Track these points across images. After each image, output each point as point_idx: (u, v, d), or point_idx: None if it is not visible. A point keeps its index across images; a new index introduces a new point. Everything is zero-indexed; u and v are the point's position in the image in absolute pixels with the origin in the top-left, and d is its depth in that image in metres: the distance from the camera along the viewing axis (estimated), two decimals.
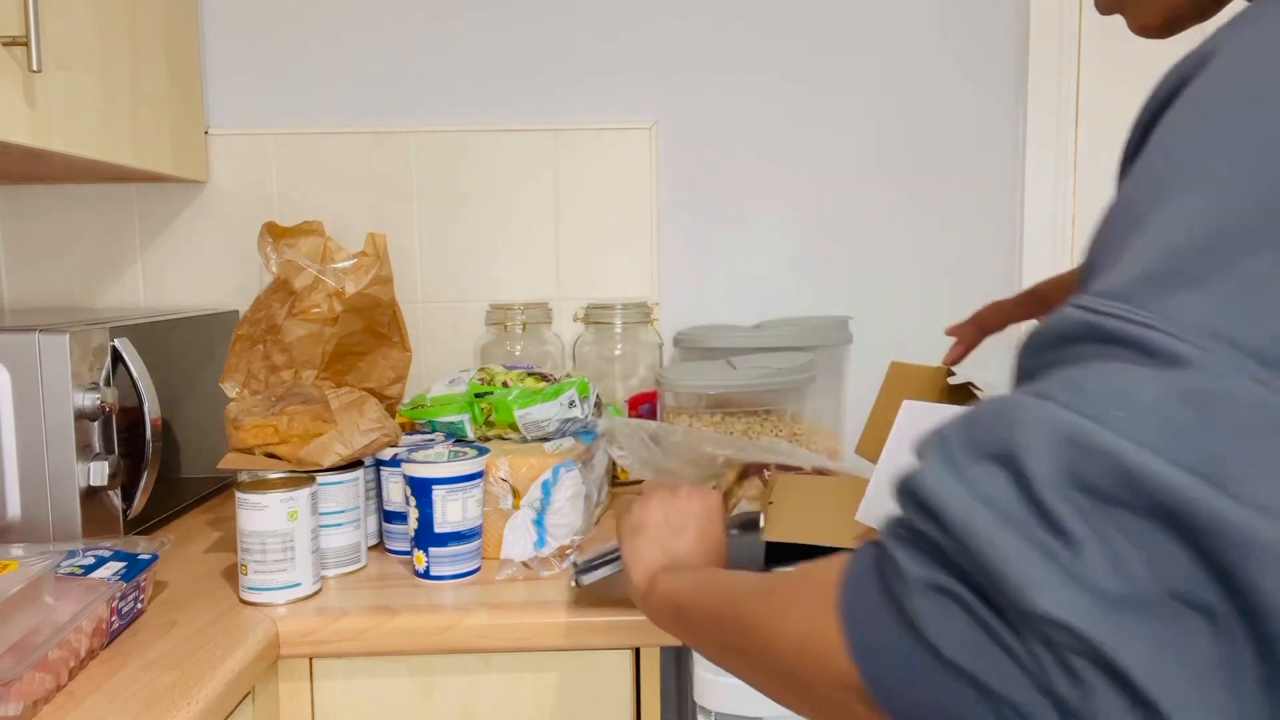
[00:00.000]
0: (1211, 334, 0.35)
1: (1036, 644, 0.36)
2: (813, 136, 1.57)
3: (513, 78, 1.56)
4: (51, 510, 1.06)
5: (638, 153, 1.57)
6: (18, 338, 1.04)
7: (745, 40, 1.56)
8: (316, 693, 1.00)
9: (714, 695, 0.89)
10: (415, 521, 1.05)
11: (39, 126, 1.05)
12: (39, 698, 0.78)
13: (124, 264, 1.57)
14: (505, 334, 1.50)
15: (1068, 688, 0.35)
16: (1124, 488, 0.35)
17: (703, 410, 1.36)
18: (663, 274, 1.59)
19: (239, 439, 1.10)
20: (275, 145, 1.56)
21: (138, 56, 1.30)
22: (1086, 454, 0.36)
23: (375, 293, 1.15)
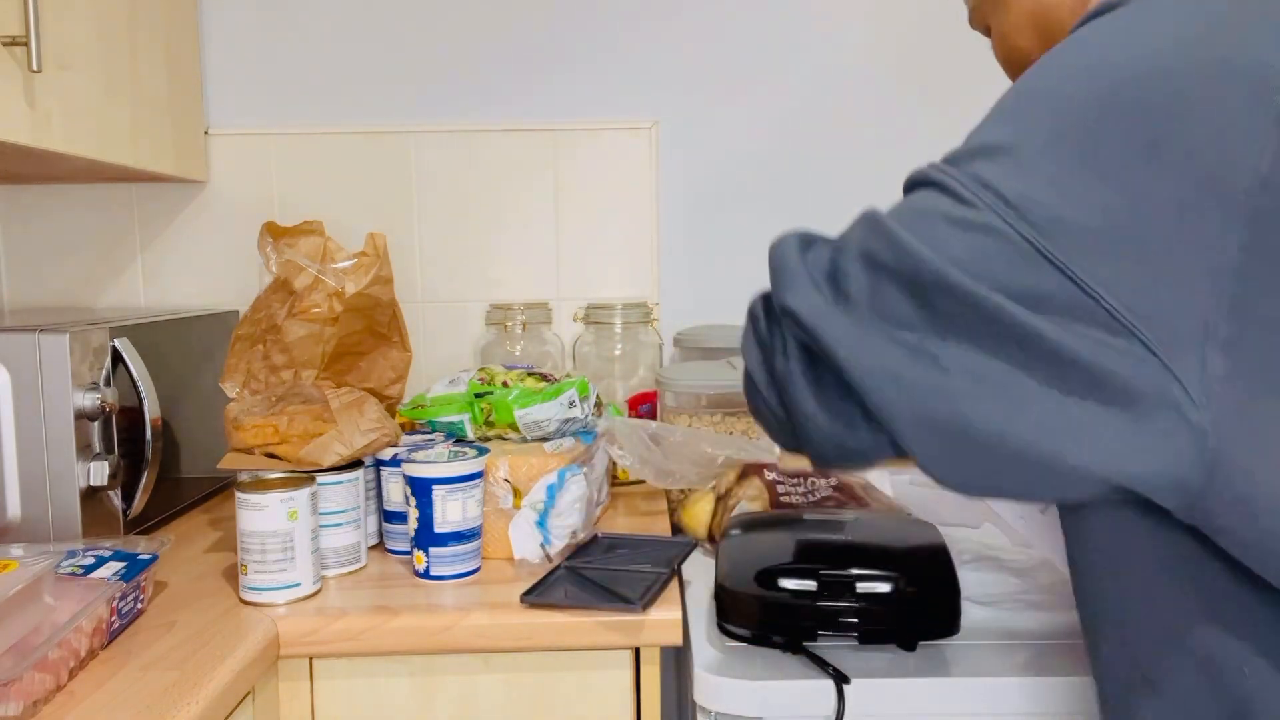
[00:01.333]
0: (983, 185, 0.56)
1: (777, 328, 0.64)
2: (813, 136, 1.57)
3: (513, 78, 1.57)
4: (51, 510, 1.06)
5: (638, 153, 1.57)
6: (18, 338, 1.04)
7: (745, 40, 1.56)
8: (316, 693, 1.00)
9: (714, 695, 0.89)
10: (415, 521, 1.05)
11: (39, 126, 1.05)
12: (39, 698, 0.78)
13: (124, 264, 1.57)
14: (505, 334, 1.50)
15: (781, 353, 0.63)
16: (889, 257, 0.57)
17: (703, 410, 1.36)
18: (663, 274, 1.59)
19: (239, 439, 1.10)
20: (275, 145, 1.56)
21: (138, 56, 1.30)
22: (878, 235, 0.58)
23: (375, 293, 1.15)
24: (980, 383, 0.55)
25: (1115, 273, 0.53)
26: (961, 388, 0.55)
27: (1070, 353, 0.53)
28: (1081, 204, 0.54)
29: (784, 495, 1.17)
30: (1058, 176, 0.55)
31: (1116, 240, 0.53)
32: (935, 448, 0.57)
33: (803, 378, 0.62)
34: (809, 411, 0.62)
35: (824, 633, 0.93)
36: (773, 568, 0.94)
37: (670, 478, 1.22)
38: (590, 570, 1.04)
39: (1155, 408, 0.52)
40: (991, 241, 0.55)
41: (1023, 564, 1.08)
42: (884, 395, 0.57)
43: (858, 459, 0.63)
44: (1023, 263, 0.54)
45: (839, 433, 0.61)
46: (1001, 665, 0.90)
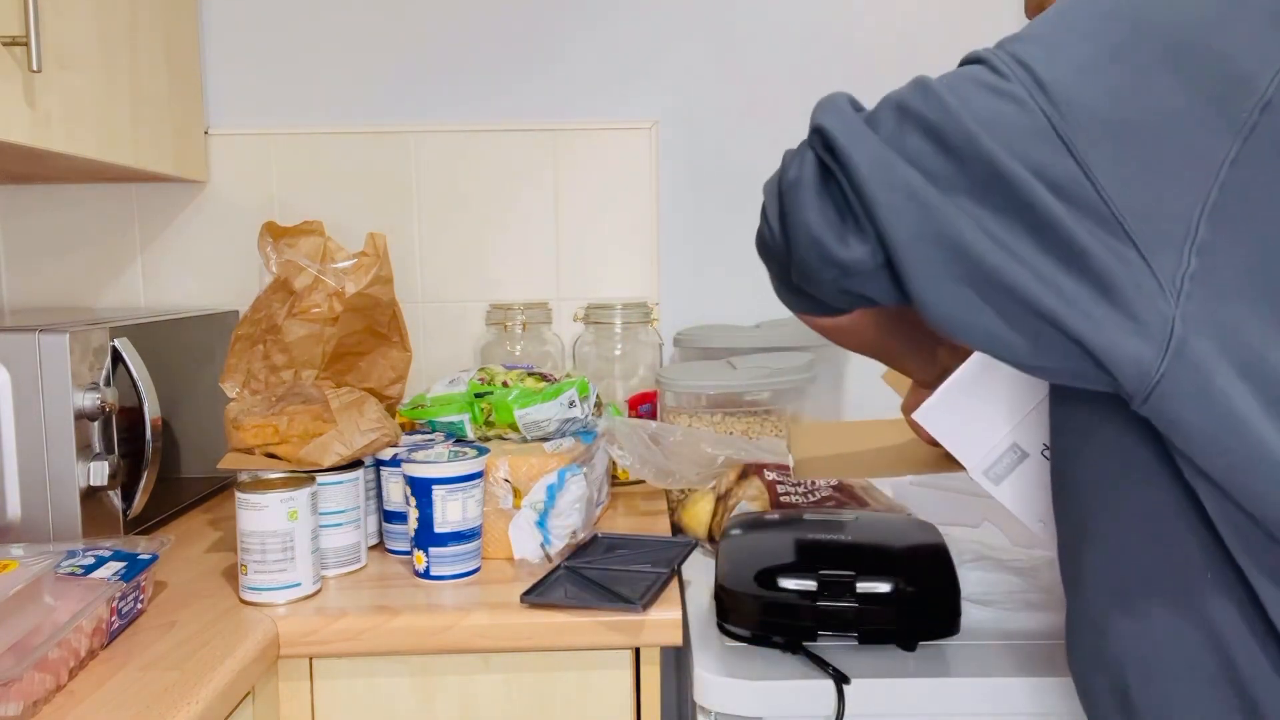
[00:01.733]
0: (1019, 62, 0.61)
1: (801, 147, 0.68)
2: None
3: (513, 78, 1.57)
4: (51, 510, 1.06)
5: (638, 153, 1.57)
6: (18, 338, 1.04)
7: (746, 40, 1.56)
8: (316, 693, 1.00)
9: (714, 695, 0.89)
10: (415, 521, 1.05)
11: (39, 126, 1.06)
12: (39, 698, 0.78)
13: (124, 264, 1.57)
14: (505, 334, 1.50)
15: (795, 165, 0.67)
16: (923, 107, 0.62)
17: (703, 410, 1.36)
18: (663, 274, 1.59)
19: (239, 439, 1.10)
20: (275, 145, 1.56)
21: (138, 56, 1.30)
22: (916, 89, 0.64)
23: (375, 293, 1.15)
24: (985, 229, 0.60)
25: (1115, 162, 0.58)
26: (968, 225, 0.60)
27: (1066, 231, 0.58)
28: (1099, 93, 0.59)
29: (784, 495, 1.18)
30: (1084, 67, 0.60)
31: (1122, 131, 0.58)
32: (930, 267, 0.61)
33: (811, 185, 0.65)
34: (804, 218, 0.66)
35: (824, 633, 0.93)
36: (773, 568, 0.94)
37: (670, 478, 1.22)
38: (590, 570, 1.04)
39: (1130, 296, 0.58)
40: (1016, 111, 0.60)
41: (1023, 564, 1.08)
42: (892, 209, 0.61)
43: (835, 273, 0.66)
44: (1039, 138, 0.59)
45: (827, 242, 0.65)
46: (1001, 665, 0.90)
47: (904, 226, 0.61)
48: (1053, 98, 0.59)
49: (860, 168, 0.62)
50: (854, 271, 0.65)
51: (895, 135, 0.63)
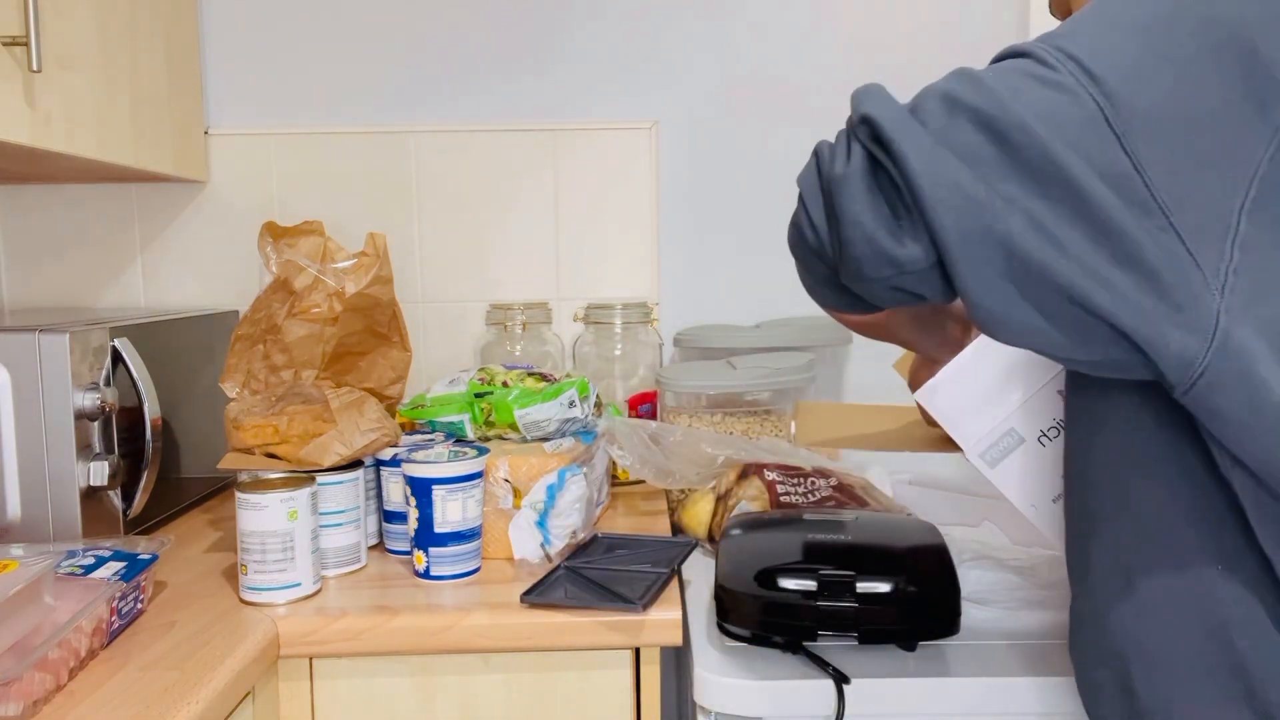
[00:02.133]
0: (1068, 55, 0.61)
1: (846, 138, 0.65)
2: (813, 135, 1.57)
3: (513, 78, 1.56)
4: (51, 510, 1.06)
5: (638, 153, 1.57)
6: (18, 338, 1.04)
7: (745, 40, 1.56)
8: (316, 693, 1.00)
9: (714, 695, 0.89)
10: (415, 521, 1.05)
11: (39, 126, 1.05)
12: (39, 698, 0.78)
13: (124, 264, 1.57)
14: (505, 334, 1.50)
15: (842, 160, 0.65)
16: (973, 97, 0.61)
17: (703, 410, 1.36)
18: (663, 274, 1.59)
19: (239, 439, 1.10)
20: (275, 145, 1.56)
21: (138, 56, 1.30)
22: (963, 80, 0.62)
23: (375, 293, 1.15)
24: (1034, 223, 0.59)
25: (1162, 156, 0.58)
26: (1017, 220, 0.60)
27: (1118, 223, 0.58)
28: (1148, 86, 0.60)
29: (784, 495, 1.17)
30: (1132, 62, 0.60)
31: (1171, 128, 0.59)
32: (979, 265, 0.61)
33: (860, 181, 0.64)
34: (856, 216, 0.64)
35: (824, 633, 0.93)
36: (773, 568, 0.94)
37: (670, 478, 1.22)
38: (590, 570, 1.04)
39: (1178, 288, 0.58)
40: (1067, 101, 0.59)
41: (1023, 563, 1.08)
42: (943, 205, 0.60)
43: (890, 272, 0.64)
44: (1090, 128, 0.59)
45: (882, 240, 0.63)
46: (1001, 665, 0.90)
47: (954, 223, 0.60)
48: (1103, 88, 0.59)
49: (911, 161, 0.61)
50: (909, 270, 0.63)
51: (945, 127, 0.62)
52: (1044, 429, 0.86)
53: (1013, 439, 0.86)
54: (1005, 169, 0.60)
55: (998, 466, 0.86)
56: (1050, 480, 0.86)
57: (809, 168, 0.69)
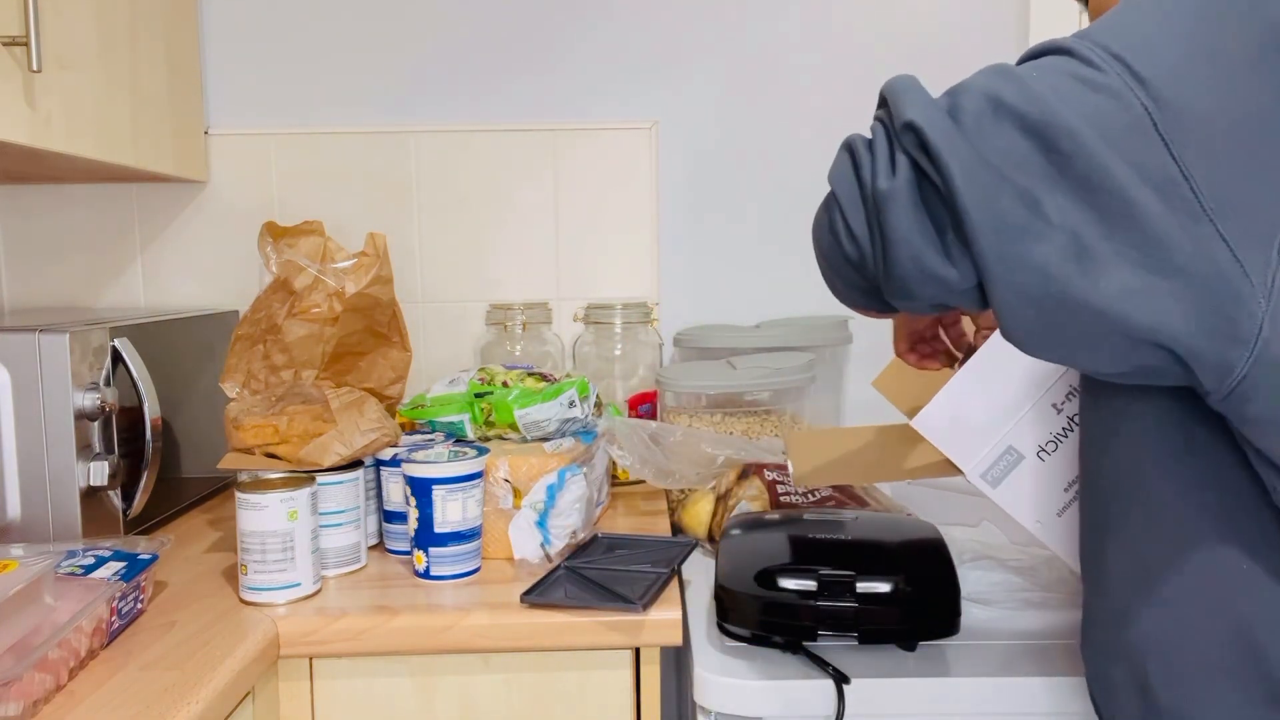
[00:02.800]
0: (1113, 55, 0.59)
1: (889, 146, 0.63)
2: (813, 134, 1.57)
3: (513, 78, 1.57)
4: (51, 510, 1.06)
5: (638, 153, 1.57)
6: (18, 338, 1.04)
7: (745, 40, 1.56)
8: (316, 693, 1.00)
9: (714, 695, 0.89)
10: (415, 521, 1.05)
11: (39, 126, 1.06)
12: (39, 698, 0.78)
13: (124, 264, 1.57)
14: (505, 334, 1.50)
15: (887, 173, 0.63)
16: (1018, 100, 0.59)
17: (703, 410, 1.36)
18: (663, 274, 1.59)
19: (239, 439, 1.10)
20: (275, 145, 1.56)
21: (138, 56, 1.30)
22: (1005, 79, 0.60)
23: (375, 293, 1.15)
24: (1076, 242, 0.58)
25: (1210, 161, 0.57)
26: (1058, 242, 0.58)
27: (1163, 231, 0.57)
28: (1196, 90, 0.58)
29: (784, 495, 1.18)
30: (1180, 62, 0.58)
31: (1218, 131, 0.57)
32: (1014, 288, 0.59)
33: (908, 197, 0.62)
34: (904, 234, 0.62)
35: (824, 633, 0.93)
36: (773, 568, 0.94)
37: (670, 478, 1.22)
38: (590, 570, 1.04)
39: (1224, 297, 0.57)
40: (1114, 106, 0.58)
41: (1023, 563, 1.08)
42: (984, 224, 0.59)
43: (936, 290, 0.63)
44: (1137, 133, 0.57)
45: (929, 258, 0.62)
46: (1001, 665, 0.90)
47: (993, 245, 0.59)
48: (1151, 92, 0.58)
49: (956, 178, 0.59)
50: (956, 289, 0.62)
51: (987, 131, 0.60)
52: (1041, 444, 0.86)
53: (1012, 457, 0.86)
54: (1053, 178, 0.58)
55: (1000, 486, 0.86)
56: (1053, 494, 0.86)
57: (843, 168, 0.67)
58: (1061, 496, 0.87)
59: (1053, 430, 0.86)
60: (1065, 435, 0.86)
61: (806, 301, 1.59)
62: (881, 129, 0.65)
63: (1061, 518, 0.87)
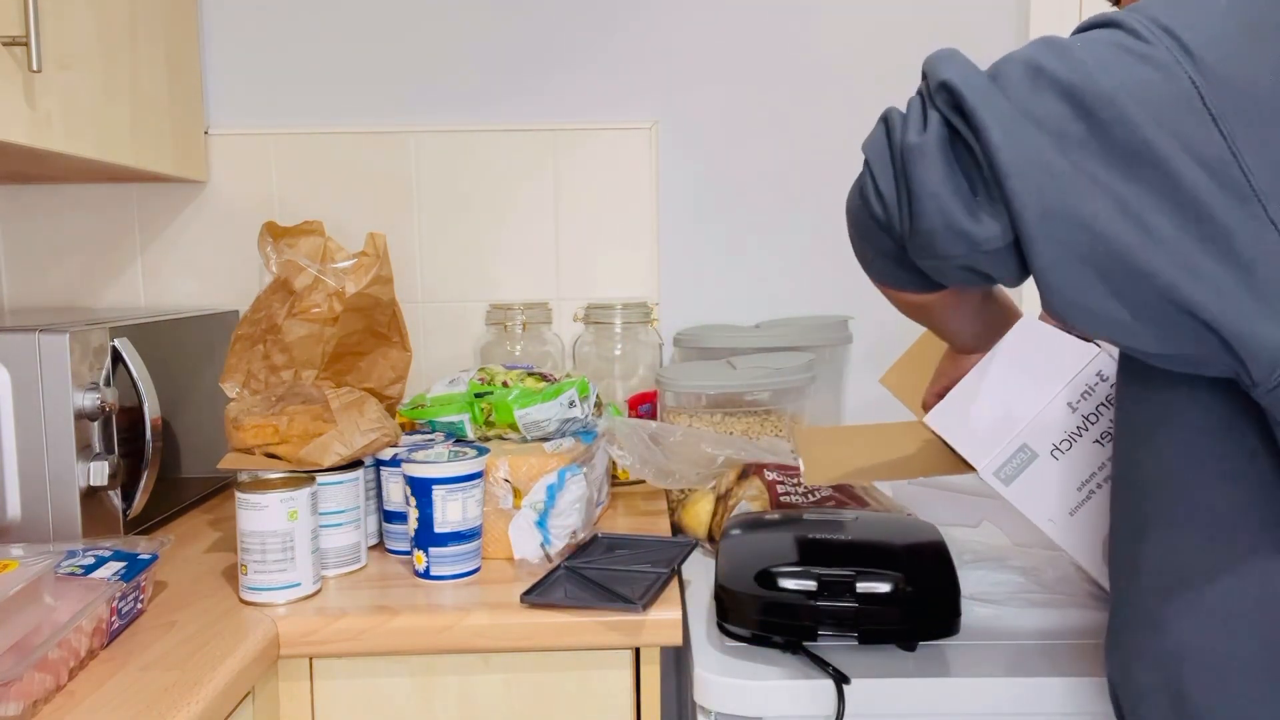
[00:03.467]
0: (1163, 29, 0.58)
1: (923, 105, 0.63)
2: (813, 135, 1.57)
3: (513, 78, 1.57)
4: (51, 510, 1.06)
5: (638, 153, 1.57)
6: (18, 338, 1.04)
7: (745, 40, 1.56)
8: (316, 693, 1.00)
9: (714, 695, 0.89)
10: (415, 521, 1.05)
11: (39, 126, 1.06)
12: (39, 698, 0.78)
13: (124, 264, 1.57)
14: (505, 334, 1.50)
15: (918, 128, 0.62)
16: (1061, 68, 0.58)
17: (703, 410, 1.36)
18: (663, 274, 1.59)
19: (239, 439, 1.10)
20: (275, 145, 1.56)
21: (138, 56, 1.30)
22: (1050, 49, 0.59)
23: (375, 293, 1.15)
24: (1121, 206, 0.56)
25: (1261, 140, 0.55)
26: (1104, 202, 0.57)
27: (1210, 209, 0.55)
28: (1246, 68, 0.56)
29: (784, 495, 1.18)
30: (1230, 39, 0.57)
31: (1271, 107, 0.56)
32: (1059, 247, 0.58)
33: (937, 152, 0.61)
34: (932, 189, 0.61)
35: (824, 633, 0.93)
36: (773, 568, 0.94)
37: (670, 478, 1.22)
38: (590, 570, 1.04)
39: (1271, 281, 0.55)
40: (1162, 80, 0.56)
41: (1023, 563, 1.08)
42: (1025, 180, 0.57)
43: (964, 249, 0.61)
44: (1185, 108, 0.56)
45: (956, 215, 0.60)
46: (1002, 665, 0.90)
47: (1036, 201, 0.57)
48: (1200, 68, 0.56)
49: (993, 132, 0.58)
50: (985, 248, 0.61)
51: (1028, 96, 0.58)
52: (1055, 443, 0.85)
53: (1026, 455, 0.86)
54: (1092, 146, 0.57)
55: (1012, 484, 0.86)
56: (1067, 493, 0.86)
57: (876, 135, 0.66)
58: (1075, 495, 0.86)
59: (1067, 429, 0.85)
60: (1080, 434, 0.86)
61: (806, 301, 1.59)
62: (917, 95, 0.64)
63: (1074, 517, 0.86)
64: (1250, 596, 0.62)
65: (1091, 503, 0.86)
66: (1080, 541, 0.87)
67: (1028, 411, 0.85)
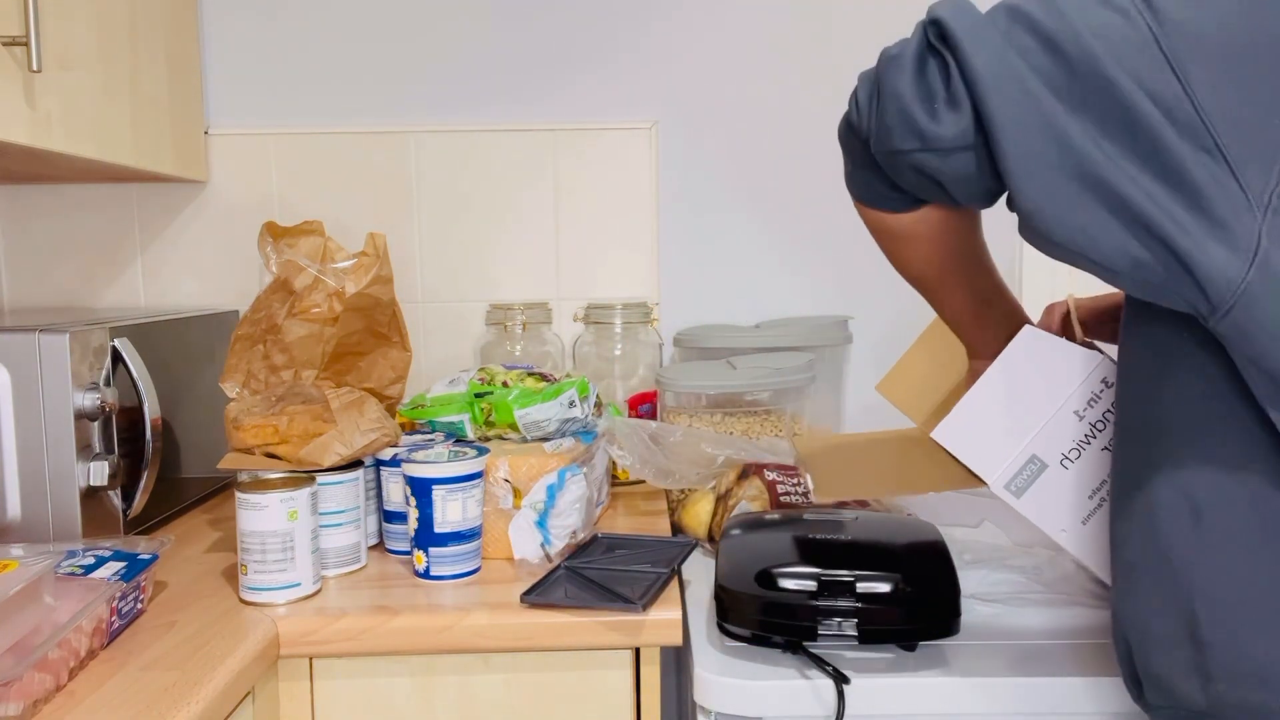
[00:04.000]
0: None
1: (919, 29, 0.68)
2: (813, 135, 1.57)
3: (513, 78, 1.57)
4: (51, 510, 1.06)
5: (638, 153, 1.57)
6: (18, 338, 1.04)
7: (745, 40, 1.56)
8: (316, 693, 1.00)
9: (714, 695, 0.89)
10: (415, 521, 1.05)
11: (39, 126, 1.06)
12: (39, 698, 0.78)
13: (124, 264, 1.57)
14: (505, 334, 1.50)
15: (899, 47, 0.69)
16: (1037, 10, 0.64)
17: (703, 410, 1.36)
18: (663, 274, 1.59)
19: (239, 439, 1.10)
20: (275, 145, 1.56)
21: (138, 56, 1.30)
22: None
23: (375, 293, 1.15)
24: (1084, 131, 0.62)
25: (1213, 81, 0.61)
26: (1076, 128, 0.63)
27: (1166, 145, 0.61)
28: (1205, 15, 0.62)
29: (784, 495, 1.18)
30: None
31: (1226, 51, 0.61)
32: (1032, 154, 0.63)
33: (911, 62, 0.67)
34: (897, 89, 0.68)
35: (824, 633, 0.93)
36: (773, 568, 0.94)
37: (670, 478, 1.22)
38: (590, 570, 1.04)
39: (1221, 208, 0.60)
40: (1123, 24, 0.62)
41: (1024, 563, 1.08)
42: (1001, 90, 0.64)
43: (915, 145, 0.68)
44: (1144, 53, 0.62)
45: (916, 113, 0.67)
46: (1002, 665, 0.90)
47: (1010, 110, 0.63)
48: (1157, 13, 0.62)
49: (978, 56, 0.64)
50: (935, 146, 0.66)
51: (1007, 32, 0.64)
52: (1064, 451, 0.85)
53: (1035, 466, 0.86)
54: (1059, 80, 0.62)
55: (1024, 496, 0.86)
56: (1079, 502, 0.86)
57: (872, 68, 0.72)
58: (1086, 504, 0.86)
59: (1075, 438, 0.85)
60: (1088, 442, 0.85)
61: (806, 301, 1.59)
62: None
63: (1087, 525, 0.86)
64: (1263, 535, 0.65)
65: (1103, 510, 0.86)
66: (1094, 550, 0.87)
67: (1035, 422, 0.85)
